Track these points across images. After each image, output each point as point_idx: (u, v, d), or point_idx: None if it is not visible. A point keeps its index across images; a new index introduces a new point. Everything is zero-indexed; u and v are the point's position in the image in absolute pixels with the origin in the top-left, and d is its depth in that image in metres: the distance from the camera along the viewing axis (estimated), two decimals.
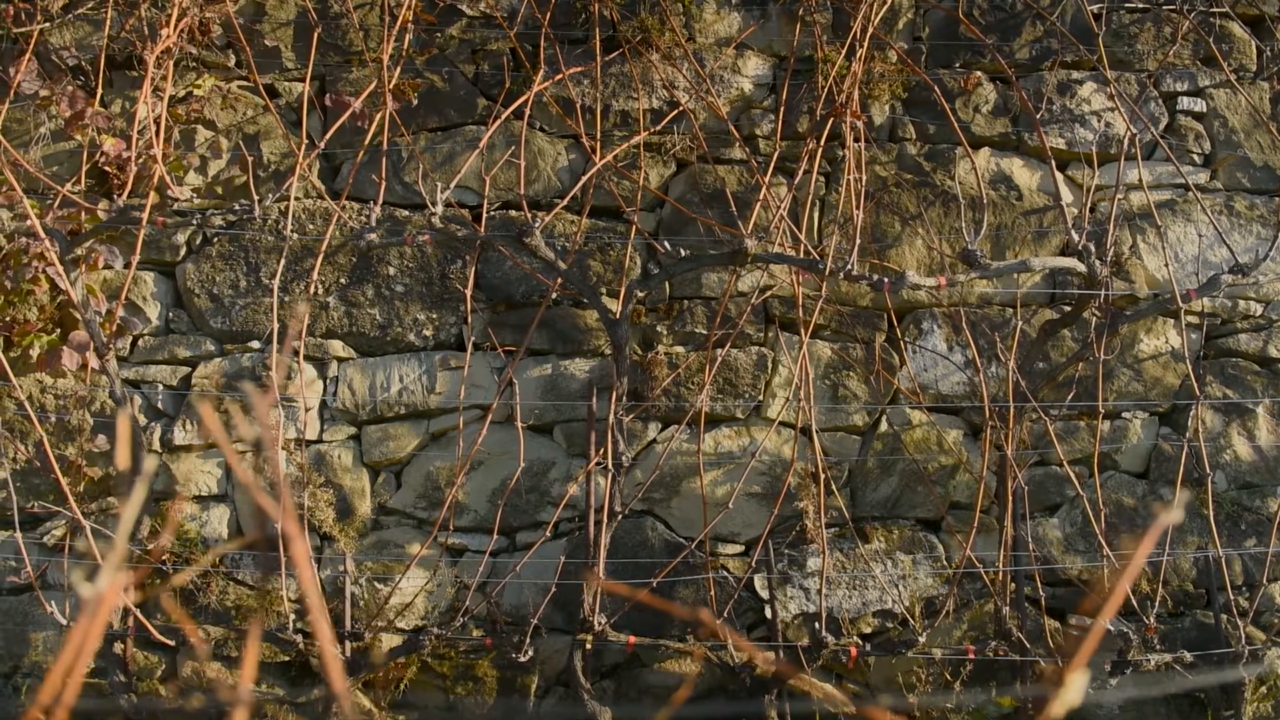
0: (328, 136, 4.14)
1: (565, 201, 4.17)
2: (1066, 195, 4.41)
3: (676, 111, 4.32)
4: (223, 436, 1.01)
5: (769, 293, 4.24)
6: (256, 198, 3.79)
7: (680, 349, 4.27)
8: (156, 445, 4.21)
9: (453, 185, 4.01)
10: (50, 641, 4.15)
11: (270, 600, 4.11)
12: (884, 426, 4.27)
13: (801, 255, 3.95)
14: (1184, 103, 4.57)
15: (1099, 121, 4.49)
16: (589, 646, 3.70)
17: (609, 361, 4.23)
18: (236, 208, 3.76)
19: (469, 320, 4.20)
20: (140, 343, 4.31)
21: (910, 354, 4.29)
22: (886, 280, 3.58)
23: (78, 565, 4.07)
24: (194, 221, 3.94)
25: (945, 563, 4.16)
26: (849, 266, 3.54)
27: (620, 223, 4.37)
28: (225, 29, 4.41)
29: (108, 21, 4.22)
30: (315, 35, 4.27)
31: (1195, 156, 4.51)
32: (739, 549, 4.22)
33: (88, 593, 1.05)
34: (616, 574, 3.98)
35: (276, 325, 4.04)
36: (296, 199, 4.21)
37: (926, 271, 4.27)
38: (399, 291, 4.30)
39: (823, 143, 4.19)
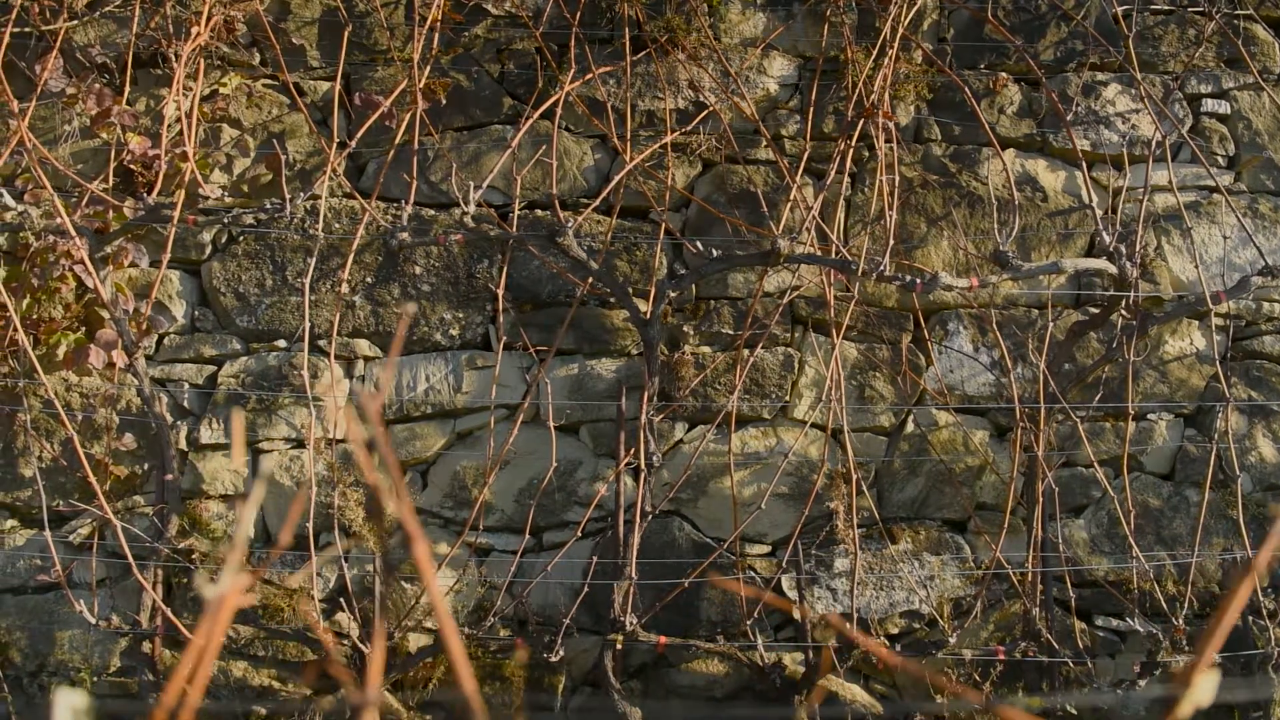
0: (359, 135, 4.14)
1: (597, 201, 4.17)
2: (1090, 197, 4.41)
3: (707, 112, 4.31)
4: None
5: (796, 293, 4.24)
6: (289, 196, 3.78)
7: (707, 349, 4.27)
8: (183, 444, 4.21)
9: (485, 185, 4.00)
10: (76, 640, 4.14)
11: (297, 599, 4.10)
12: (910, 427, 4.27)
13: (833, 256, 3.95)
14: (1208, 104, 4.58)
15: (1124, 123, 4.49)
16: (620, 646, 3.70)
17: (635, 362, 4.23)
18: (268, 206, 3.75)
19: (500, 320, 4.19)
20: (166, 341, 4.30)
21: (937, 355, 4.29)
22: (919, 281, 3.58)
23: (104, 563, 4.07)
24: (225, 220, 3.94)
25: (972, 564, 4.16)
26: (882, 267, 3.54)
27: (646, 222, 4.37)
28: (250, 27, 4.41)
29: (135, 19, 4.21)
30: (345, 35, 4.27)
31: (1219, 158, 4.52)
32: (766, 549, 4.22)
33: (211, 594, 1.05)
34: (645, 574, 3.97)
35: (308, 324, 4.04)
36: (319, 197, 4.20)
37: (953, 272, 4.27)
38: (425, 291, 4.29)
39: (853, 142, 4.18)
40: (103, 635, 4.07)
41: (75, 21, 4.27)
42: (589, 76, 4.25)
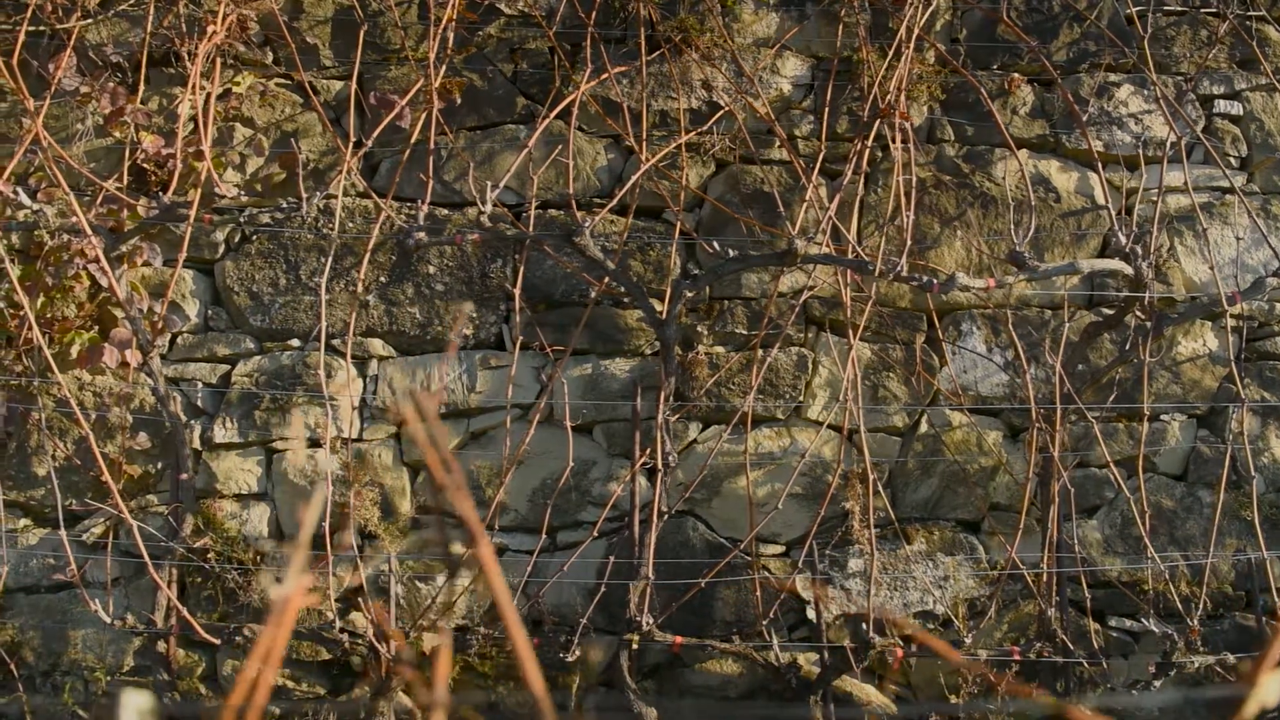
0: (375, 134, 4.13)
1: (614, 201, 4.17)
2: (1103, 198, 4.42)
3: (722, 112, 4.31)
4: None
5: (810, 293, 4.24)
6: (305, 195, 3.78)
7: (720, 349, 4.27)
8: (196, 443, 4.20)
9: (502, 185, 4.00)
10: (89, 639, 4.14)
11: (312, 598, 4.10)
12: (924, 427, 4.27)
13: (849, 256, 3.95)
14: (1220, 105, 4.58)
15: (1136, 124, 4.49)
16: (635, 646, 3.70)
17: (649, 361, 4.23)
18: (284, 205, 3.75)
19: (517, 319, 4.19)
20: (179, 340, 4.30)
21: (950, 355, 4.30)
22: (936, 281, 3.58)
23: (118, 562, 4.06)
24: (241, 219, 3.93)
25: (986, 564, 4.17)
26: (899, 268, 3.54)
27: (659, 222, 4.37)
28: (262, 26, 4.40)
29: (149, 17, 4.21)
30: (360, 34, 4.27)
31: (1232, 159, 4.52)
32: (780, 549, 4.22)
33: (277, 594, 1.05)
34: (659, 574, 3.97)
35: (325, 323, 4.03)
36: (336, 197, 4.20)
37: (968, 273, 4.27)
38: (439, 290, 4.29)
39: (868, 142, 4.19)
40: (116, 634, 4.07)
41: (89, 20, 4.27)
42: (604, 76, 4.24)
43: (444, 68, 4.21)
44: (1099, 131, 4.47)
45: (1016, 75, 4.47)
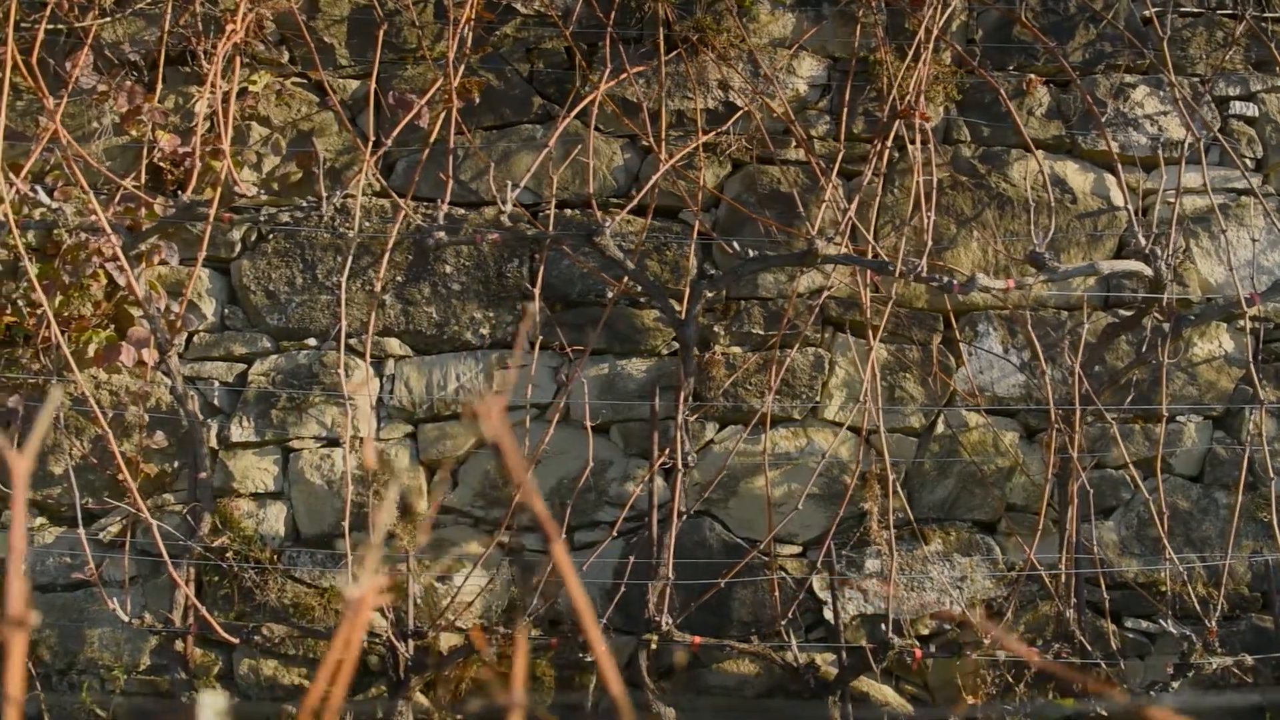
0: (395, 133, 4.13)
1: (635, 202, 4.17)
2: (1119, 199, 4.42)
3: (741, 113, 4.31)
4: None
5: (827, 294, 4.23)
6: (324, 194, 3.78)
7: (737, 349, 4.27)
8: (213, 442, 4.20)
9: (522, 185, 4.00)
10: (105, 638, 4.13)
11: (329, 598, 4.10)
12: (941, 428, 4.27)
13: (869, 256, 3.95)
14: (1236, 107, 4.58)
15: (1152, 125, 4.50)
16: (654, 647, 3.70)
17: (666, 362, 4.23)
18: (304, 204, 3.75)
19: (536, 319, 4.18)
20: (195, 339, 4.29)
21: (967, 356, 4.30)
22: (956, 282, 3.58)
23: (137, 561, 4.06)
24: (261, 218, 3.93)
25: (1002, 565, 4.17)
26: (919, 268, 3.54)
27: (675, 222, 4.37)
28: (278, 25, 4.40)
29: (167, 16, 4.21)
30: (380, 33, 4.27)
31: (1247, 160, 4.52)
32: (797, 550, 4.22)
33: (352, 594, 1.05)
34: (677, 574, 3.97)
35: (344, 323, 4.03)
36: (355, 196, 4.20)
37: (984, 273, 4.27)
38: (456, 290, 4.29)
39: (888, 143, 4.19)
40: (132, 633, 4.07)
41: (107, 19, 4.26)
42: (623, 76, 4.24)
43: (462, 67, 4.20)
44: (1115, 133, 4.47)
45: (1034, 76, 4.47)
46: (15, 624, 1.04)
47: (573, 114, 4.17)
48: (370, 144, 4.11)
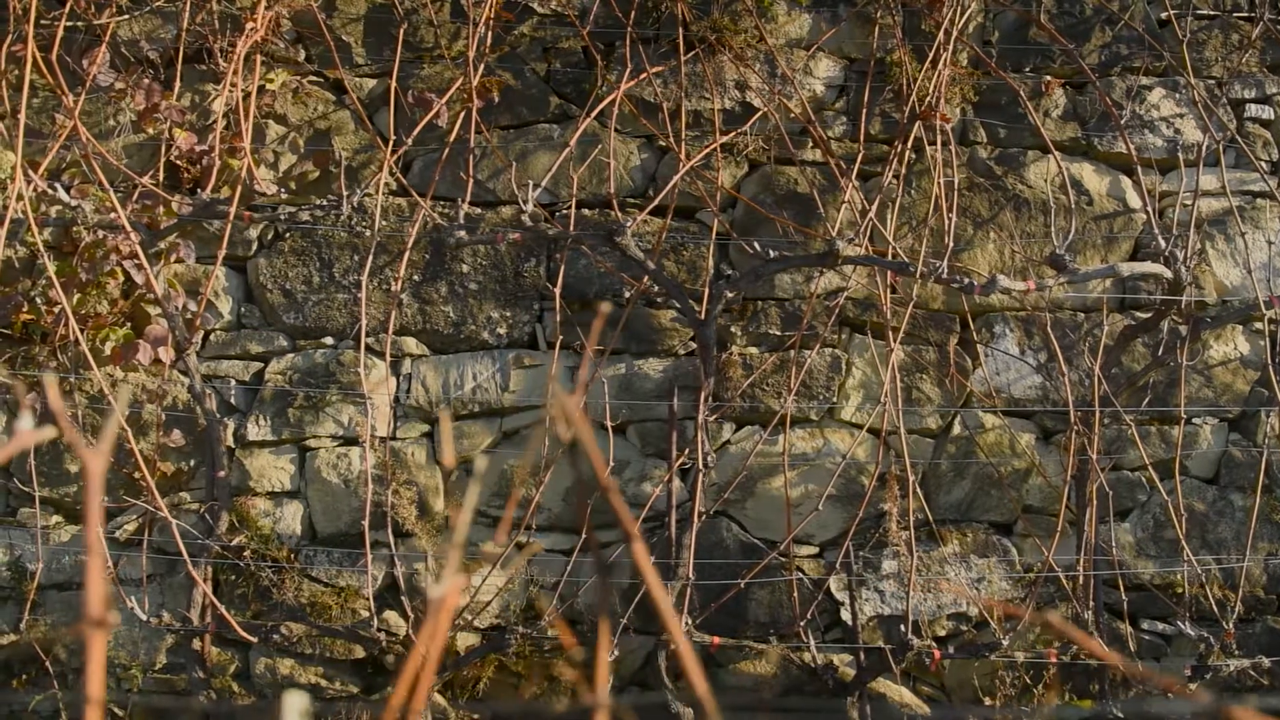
0: (415, 132, 4.13)
1: (655, 202, 4.17)
2: (1135, 201, 4.43)
3: (760, 114, 4.31)
4: None
5: (844, 295, 4.23)
6: (345, 193, 3.77)
7: (754, 350, 4.27)
8: (229, 441, 4.19)
9: (543, 184, 4.00)
10: (121, 637, 4.13)
11: (345, 597, 4.10)
12: (957, 429, 4.27)
13: (889, 257, 3.95)
14: (1251, 110, 4.59)
15: (1168, 127, 4.50)
16: (673, 647, 3.69)
17: (682, 362, 4.23)
18: (324, 203, 3.74)
19: (557, 319, 4.18)
20: (212, 338, 4.29)
21: (984, 357, 4.30)
22: (977, 284, 3.58)
23: (152, 559, 4.06)
24: (281, 216, 3.93)
25: (1019, 566, 4.17)
26: (940, 270, 3.54)
27: (692, 222, 4.37)
28: (294, 23, 4.39)
29: (185, 14, 4.20)
30: (400, 31, 4.26)
31: (1263, 163, 4.53)
32: (814, 550, 4.22)
33: (435, 593, 1.05)
34: (695, 574, 3.97)
35: (364, 321, 4.03)
36: (375, 195, 4.19)
37: (1004, 275, 4.28)
38: (473, 289, 4.29)
39: (908, 145, 4.18)
40: (149, 632, 4.06)
41: (124, 16, 4.26)
42: (643, 76, 4.24)
43: (482, 66, 4.20)
44: (1131, 135, 4.47)
45: (1053, 79, 4.47)
46: (96, 625, 1.03)
47: (593, 114, 4.17)
48: (390, 143, 4.10)
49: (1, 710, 4.05)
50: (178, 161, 4.23)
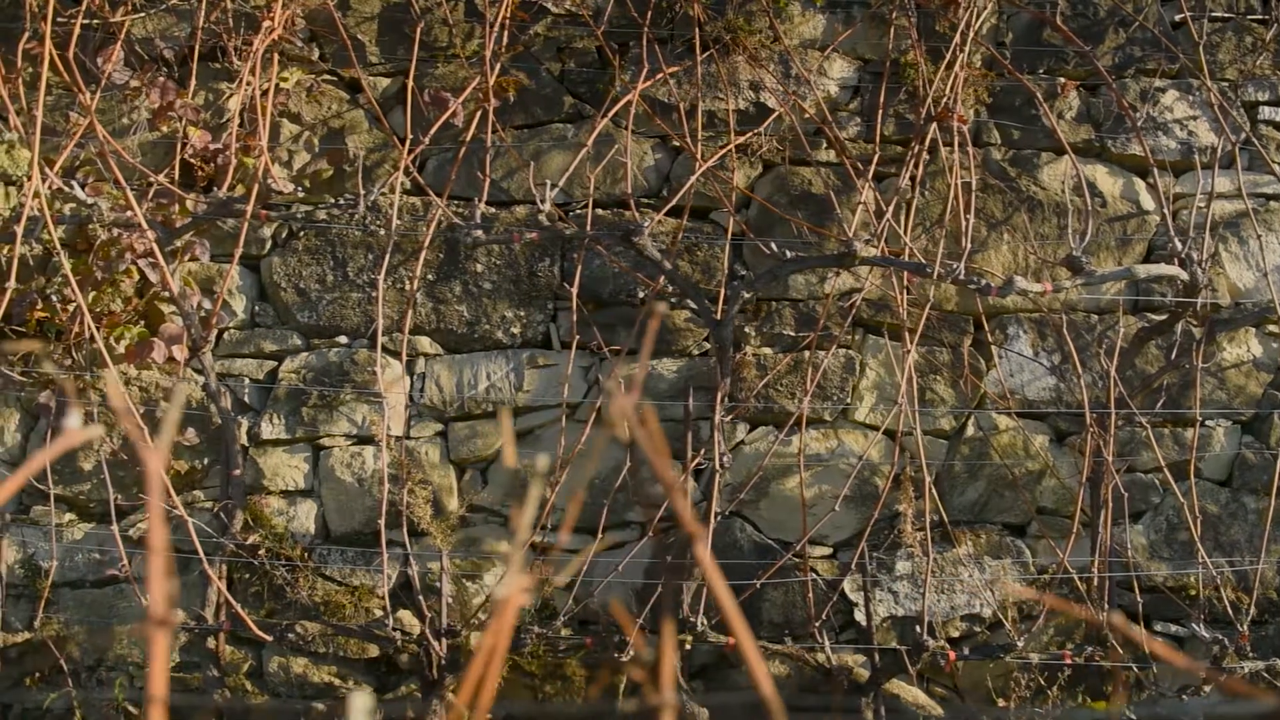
0: (433, 131, 4.12)
1: (673, 202, 4.17)
2: (1148, 203, 4.43)
3: (776, 114, 4.31)
4: None
5: (860, 296, 4.23)
6: (362, 192, 3.78)
7: (768, 350, 4.27)
8: (243, 439, 4.19)
9: (560, 184, 4.00)
10: (134, 635, 4.12)
11: (359, 596, 4.10)
12: (970, 430, 4.27)
13: (905, 259, 3.96)
14: (1265, 112, 4.59)
15: (1181, 130, 4.50)
16: (688, 647, 3.70)
17: (696, 362, 4.23)
18: (341, 201, 3.74)
19: (574, 319, 4.18)
20: (226, 336, 4.29)
21: (997, 358, 4.30)
22: (994, 286, 3.59)
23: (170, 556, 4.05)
24: (298, 215, 3.93)
25: (1032, 568, 4.17)
26: (957, 270, 3.54)
27: (706, 223, 4.37)
28: (308, 21, 4.39)
29: (201, 12, 4.20)
30: (417, 30, 4.26)
31: (1277, 165, 4.53)
32: (827, 551, 4.22)
33: (500, 593, 1.05)
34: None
35: (381, 320, 4.03)
36: (392, 194, 4.19)
37: (1021, 277, 4.28)
38: (487, 289, 4.29)
39: (925, 146, 4.18)
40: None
41: (140, 14, 4.26)
42: (660, 76, 4.24)
43: (499, 65, 4.20)
44: (1144, 137, 4.47)
45: (1069, 80, 4.47)
46: (159, 624, 1.03)
47: (610, 115, 4.17)
48: (407, 142, 4.10)
49: (15, 708, 4.05)
50: (191, 160, 4.22)
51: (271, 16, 3.95)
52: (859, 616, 4.11)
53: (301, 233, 4.29)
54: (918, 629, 3.83)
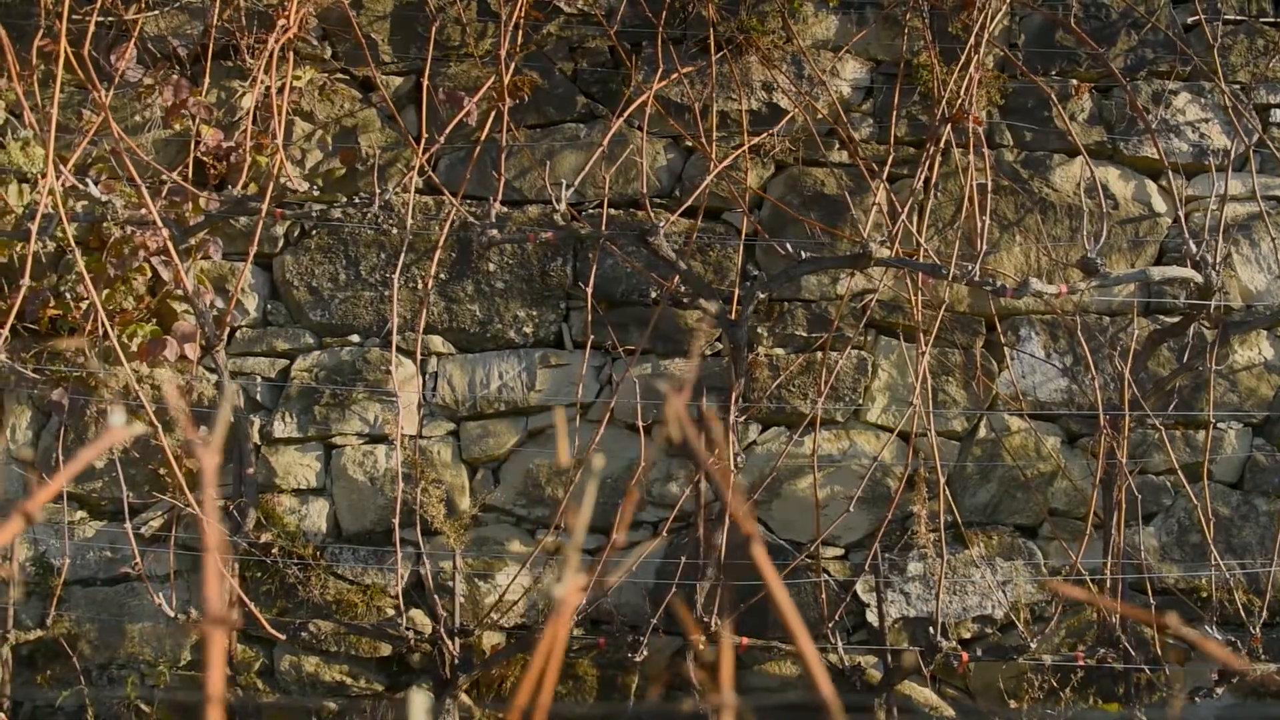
0: (448, 130, 4.12)
1: (688, 203, 4.16)
2: (1160, 205, 4.43)
3: (790, 115, 4.31)
4: None
5: (873, 297, 4.23)
6: (378, 190, 3.77)
7: (780, 351, 4.27)
8: (255, 438, 4.19)
9: (576, 184, 4.00)
10: (145, 633, 4.12)
11: (371, 595, 4.09)
12: (982, 432, 4.27)
13: (920, 260, 3.95)
14: (1276, 115, 4.59)
15: (1193, 132, 4.50)
16: (701, 647, 3.70)
17: (708, 362, 4.23)
18: (356, 200, 3.74)
19: (588, 319, 4.18)
20: (238, 334, 4.29)
21: (1010, 360, 4.30)
22: (1009, 287, 3.59)
23: (176, 555, 4.05)
24: (313, 213, 3.92)
25: (1044, 569, 4.17)
26: (972, 272, 3.54)
27: (718, 223, 4.37)
28: (320, 20, 4.39)
29: (215, 10, 4.19)
30: (433, 30, 4.26)
31: None
32: (839, 552, 4.22)
33: (559, 593, 1.05)
34: (720, 575, 3.97)
35: (395, 319, 4.02)
36: (401, 193, 4.19)
37: (1036, 278, 4.28)
38: (499, 288, 4.28)
39: (940, 147, 4.18)
40: (173, 628, 4.06)
41: (153, 11, 4.25)
42: (675, 76, 4.24)
43: (515, 64, 4.20)
44: (1156, 139, 4.48)
45: (1083, 82, 4.47)
46: (216, 623, 1.03)
47: (625, 115, 4.17)
48: (423, 141, 4.10)
49: (26, 706, 4.04)
50: (204, 158, 4.22)
51: (286, 15, 3.94)
52: (871, 617, 4.11)
53: (314, 231, 4.28)
54: (931, 630, 3.83)
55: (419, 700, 0.96)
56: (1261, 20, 4.61)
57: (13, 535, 1.22)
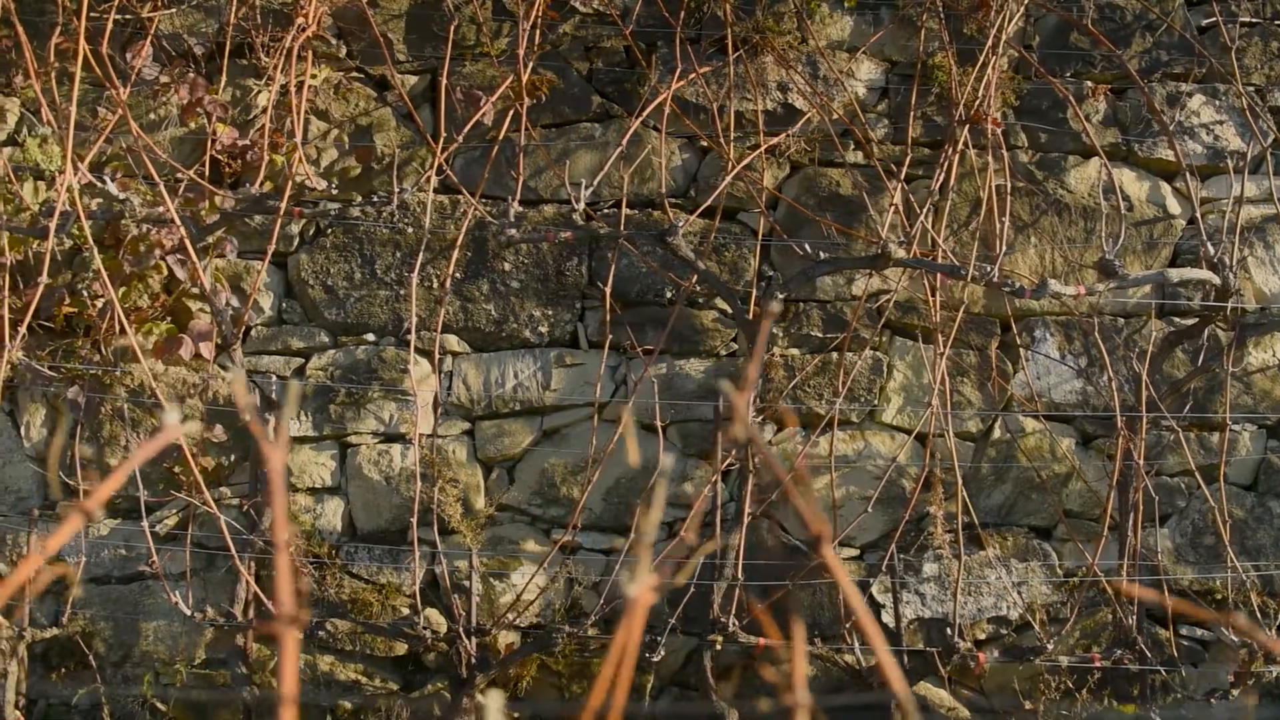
0: (467, 129, 4.12)
1: (707, 203, 4.16)
2: (1174, 207, 4.44)
3: (807, 116, 4.31)
4: None
5: (889, 297, 4.23)
6: (396, 189, 3.77)
7: (795, 351, 4.27)
8: (270, 436, 4.19)
9: (593, 185, 4.00)
10: (160, 631, 4.12)
11: (386, 594, 4.09)
12: (997, 433, 4.28)
13: (939, 260, 3.96)
14: None
15: (1208, 134, 4.51)
16: (718, 648, 3.70)
17: (724, 363, 4.23)
18: (375, 199, 3.74)
19: (606, 318, 4.17)
20: (253, 333, 4.28)
21: (1025, 361, 4.30)
22: (1027, 288, 3.59)
23: (192, 554, 4.05)
24: (330, 212, 3.92)
25: (1059, 570, 4.18)
26: (991, 273, 3.55)
27: (734, 223, 4.37)
28: (336, 19, 4.38)
29: (231, 8, 4.19)
30: (451, 29, 4.26)
31: None
32: (854, 553, 4.22)
33: (633, 593, 1.05)
34: (735, 576, 3.97)
35: (414, 317, 4.02)
36: (418, 192, 4.19)
37: (1054, 280, 4.28)
38: (514, 288, 4.28)
39: (959, 148, 4.18)
40: (189, 627, 4.06)
41: (170, 10, 4.25)
42: (692, 76, 4.24)
43: (532, 64, 4.20)
44: (1171, 141, 4.48)
45: (1099, 84, 4.47)
46: (288, 622, 1.03)
47: (643, 115, 4.17)
48: (440, 140, 4.10)
49: (41, 703, 4.04)
50: (219, 156, 4.22)
51: (304, 13, 3.94)
52: (886, 618, 4.11)
53: (329, 230, 4.28)
54: (947, 631, 3.83)
55: (494, 701, 0.96)
56: (1276, 22, 4.62)
57: (71, 534, 1.22)
